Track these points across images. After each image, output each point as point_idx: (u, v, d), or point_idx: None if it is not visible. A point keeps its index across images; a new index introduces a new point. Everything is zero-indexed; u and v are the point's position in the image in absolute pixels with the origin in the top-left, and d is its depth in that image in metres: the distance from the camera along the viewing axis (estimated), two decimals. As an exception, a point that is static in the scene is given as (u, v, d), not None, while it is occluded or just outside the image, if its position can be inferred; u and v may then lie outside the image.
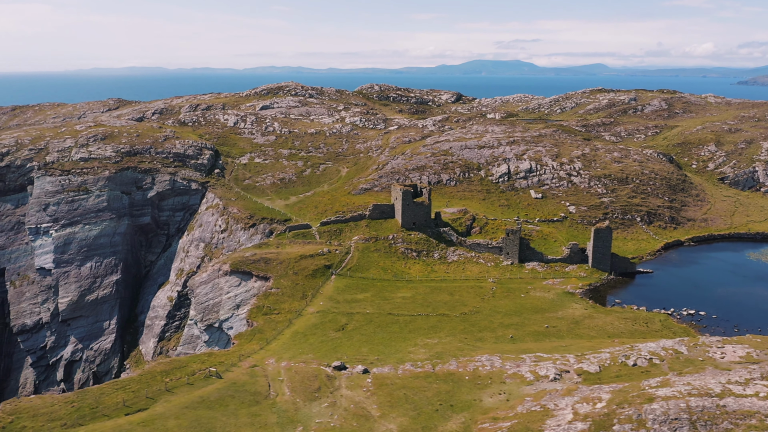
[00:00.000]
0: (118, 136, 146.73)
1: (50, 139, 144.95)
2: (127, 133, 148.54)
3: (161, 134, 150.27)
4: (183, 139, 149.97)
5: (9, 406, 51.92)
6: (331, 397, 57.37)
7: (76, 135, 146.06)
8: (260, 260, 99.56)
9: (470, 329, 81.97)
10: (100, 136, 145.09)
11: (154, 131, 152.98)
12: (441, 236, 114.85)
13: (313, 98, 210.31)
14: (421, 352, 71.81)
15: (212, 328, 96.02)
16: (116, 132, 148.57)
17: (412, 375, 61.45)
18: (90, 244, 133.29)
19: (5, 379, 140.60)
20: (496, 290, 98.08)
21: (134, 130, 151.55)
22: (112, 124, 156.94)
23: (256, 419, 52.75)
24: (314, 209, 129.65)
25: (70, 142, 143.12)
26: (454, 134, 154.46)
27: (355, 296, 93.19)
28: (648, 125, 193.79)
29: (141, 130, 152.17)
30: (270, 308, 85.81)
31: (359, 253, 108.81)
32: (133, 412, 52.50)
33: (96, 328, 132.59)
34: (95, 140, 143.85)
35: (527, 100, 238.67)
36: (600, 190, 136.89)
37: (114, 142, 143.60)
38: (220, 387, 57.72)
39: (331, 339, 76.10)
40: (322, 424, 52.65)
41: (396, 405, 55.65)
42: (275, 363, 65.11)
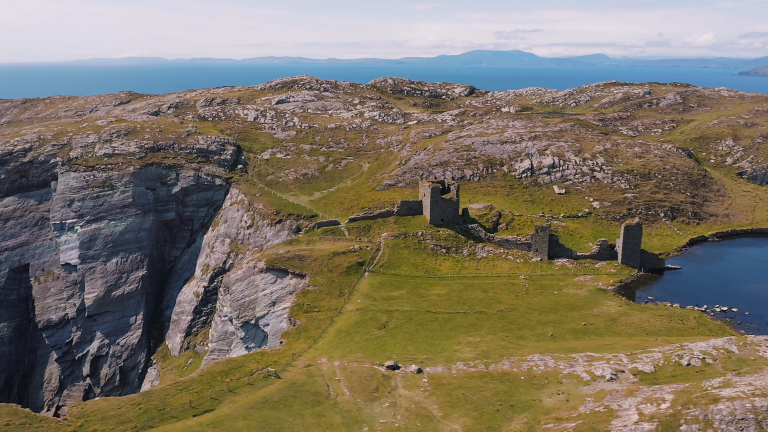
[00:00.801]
0: (140, 131, 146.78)
1: (73, 135, 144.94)
2: (149, 128, 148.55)
3: (184, 129, 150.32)
4: (205, 134, 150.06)
5: (76, 409, 52.48)
6: (390, 396, 58.03)
7: (98, 130, 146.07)
8: (294, 257, 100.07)
9: (509, 327, 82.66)
10: (123, 132, 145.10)
11: (176, 126, 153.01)
12: (469, 233, 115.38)
13: (328, 92, 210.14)
14: (467, 350, 72.51)
15: (248, 325, 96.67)
16: (139, 127, 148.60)
17: (467, 375, 62.11)
18: (115, 239, 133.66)
19: (30, 374, 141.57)
20: (529, 287, 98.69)
21: (156, 125, 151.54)
22: (134, 119, 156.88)
23: (321, 419, 53.42)
24: (339, 205, 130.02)
25: (93, 137, 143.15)
26: (475, 129, 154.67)
27: (390, 293, 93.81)
28: (664, 119, 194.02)
29: (163, 125, 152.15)
30: (310, 306, 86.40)
31: (389, 249, 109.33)
32: (200, 413, 53.15)
33: (122, 324, 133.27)
34: (118, 136, 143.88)
35: (540, 93, 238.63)
36: (623, 186, 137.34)
37: (137, 138, 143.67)
38: (280, 387, 58.36)
39: (376, 337, 76.75)
40: (387, 424, 53.33)
41: (456, 405, 56.34)
42: (328, 362, 65.75)
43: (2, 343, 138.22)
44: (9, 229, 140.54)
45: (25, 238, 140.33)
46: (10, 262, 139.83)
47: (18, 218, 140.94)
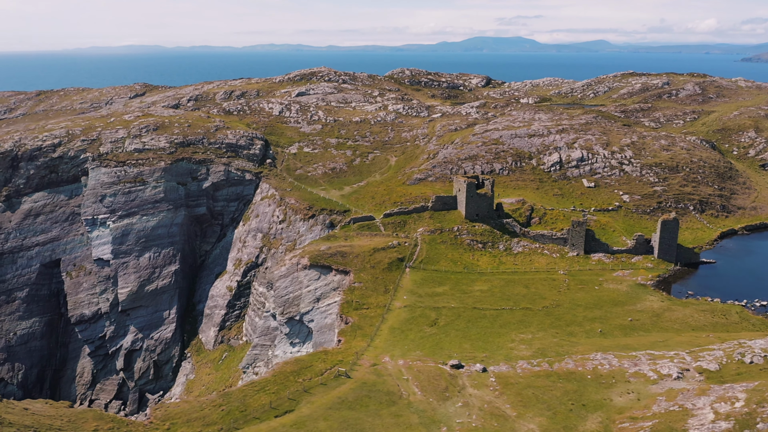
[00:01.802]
0: (169, 126, 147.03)
1: (102, 130, 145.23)
2: (178, 123, 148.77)
3: (212, 124, 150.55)
4: (234, 129, 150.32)
5: (159, 411, 53.38)
6: (461, 396, 59.01)
7: (127, 125, 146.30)
8: (336, 254, 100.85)
9: (557, 323, 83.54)
10: (152, 127, 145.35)
11: (204, 121, 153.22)
12: (504, 227, 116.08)
13: (347, 84, 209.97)
14: (522, 348, 73.46)
15: (293, 321, 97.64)
16: (167, 122, 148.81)
17: (533, 374, 63.08)
18: (148, 235, 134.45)
19: (61, 368, 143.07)
20: (569, 283, 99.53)
21: (184, 120, 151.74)
22: (160, 114, 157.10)
23: (399, 419, 54.42)
24: (371, 200, 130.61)
25: (123, 132, 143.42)
26: (502, 122, 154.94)
27: (434, 289, 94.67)
28: (685, 110, 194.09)
29: (191, 120, 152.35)
30: (359, 303, 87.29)
31: (427, 245, 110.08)
32: (281, 414, 54.13)
33: (156, 318, 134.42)
34: (147, 131, 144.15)
35: (557, 83, 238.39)
36: (652, 179, 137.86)
37: (166, 133, 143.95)
38: (353, 387, 59.32)
39: (429, 335, 77.68)
40: (463, 424, 54.33)
41: (529, 405, 57.33)
42: (392, 361, 66.70)
43: (34, 338, 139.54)
44: (39, 224, 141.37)
45: (55, 233, 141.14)
46: (41, 257, 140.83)
47: (48, 214, 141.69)
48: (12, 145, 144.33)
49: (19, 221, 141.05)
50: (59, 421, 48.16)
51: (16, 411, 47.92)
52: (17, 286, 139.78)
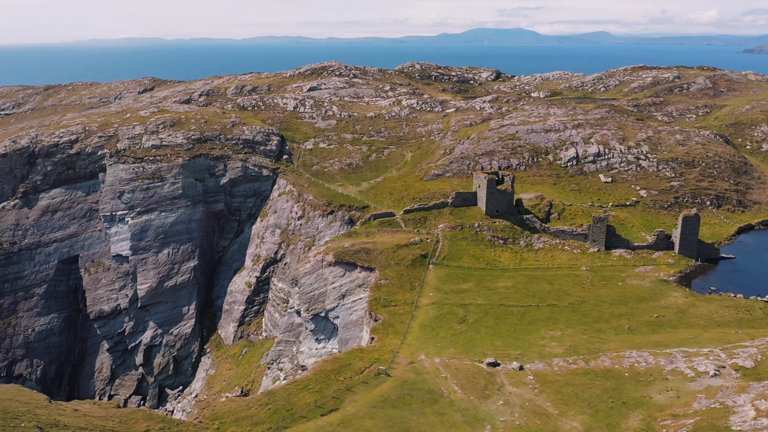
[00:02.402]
0: (186, 122, 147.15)
1: (118, 126, 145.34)
2: (194, 119, 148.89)
3: (228, 120, 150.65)
4: (250, 125, 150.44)
5: (207, 411, 53.92)
6: (501, 394, 59.60)
7: (143, 121, 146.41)
8: (361, 251, 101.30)
9: (584, 320, 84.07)
10: (169, 123, 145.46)
11: (220, 117, 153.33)
12: (524, 223, 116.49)
13: (358, 78, 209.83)
14: (553, 345, 74.03)
15: (318, 318, 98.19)
16: (183, 118, 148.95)
17: (570, 372, 63.65)
18: (166, 231, 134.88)
19: (80, 364, 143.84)
20: (592, 279, 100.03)
21: (200, 116, 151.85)
22: (176, 110, 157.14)
23: (443, 418, 55.02)
24: (389, 196, 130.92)
25: (140, 129, 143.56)
26: (517, 117, 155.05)
27: (459, 286, 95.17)
28: (697, 104, 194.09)
29: (207, 116, 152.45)
30: (387, 300, 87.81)
31: (448, 241, 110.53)
32: (326, 413, 54.72)
33: (175, 314, 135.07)
34: (164, 127, 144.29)
35: (567, 77, 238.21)
36: (669, 174, 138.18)
37: (183, 129, 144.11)
38: (394, 385, 59.91)
39: (460, 332, 78.23)
40: (507, 422, 54.93)
41: (569, 403, 57.92)
42: (428, 359, 67.27)
43: (52, 334, 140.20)
44: (57, 220, 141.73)
45: (73, 229, 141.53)
46: (59, 253, 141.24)
47: (66, 210, 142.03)
48: (28, 142, 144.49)
49: (36, 218, 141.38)
50: (111, 422, 48.71)
51: (68, 413, 48.48)
52: (35, 282, 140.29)
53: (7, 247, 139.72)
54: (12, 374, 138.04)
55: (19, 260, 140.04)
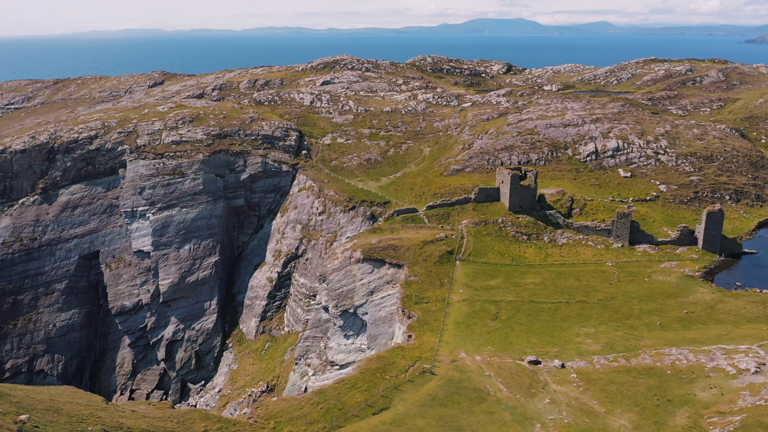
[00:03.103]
0: (205, 118, 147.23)
1: (137, 122, 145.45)
2: (213, 114, 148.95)
3: (246, 116, 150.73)
4: (268, 120, 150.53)
5: (261, 410, 54.54)
6: (545, 392, 60.24)
7: (162, 117, 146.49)
8: (388, 247, 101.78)
9: (616, 317, 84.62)
10: (188, 118, 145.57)
11: (238, 112, 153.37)
12: (547, 219, 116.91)
13: (370, 72, 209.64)
14: (589, 342, 74.66)
15: (346, 314, 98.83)
16: (202, 114, 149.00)
17: (612, 369, 64.30)
18: (187, 226, 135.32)
19: (101, 359, 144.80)
20: (619, 274, 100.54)
21: (219, 111, 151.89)
22: (193, 105, 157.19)
23: (492, 417, 55.68)
24: (410, 191, 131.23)
25: (159, 124, 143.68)
26: (535, 112, 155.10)
27: (487, 282, 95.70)
28: (711, 98, 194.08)
29: (225, 111, 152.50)
30: (418, 297, 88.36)
31: (473, 237, 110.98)
32: (377, 412, 55.38)
33: (197, 309, 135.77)
34: (183, 123, 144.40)
35: (579, 70, 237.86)
36: (688, 169, 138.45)
37: (203, 125, 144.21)
38: (440, 384, 60.55)
39: (495, 329, 78.82)
40: (555, 420, 55.60)
41: (615, 401, 58.58)
42: (468, 357, 67.89)
43: (73, 329, 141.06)
44: (77, 216, 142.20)
45: (94, 225, 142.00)
46: (80, 249, 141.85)
47: (86, 206, 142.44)
48: (48, 138, 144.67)
49: (56, 213, 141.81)
50: (170, 422, 49.32)
51: (127, 414, 49.09)
52: (56, 278, 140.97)
53: (27, 243, 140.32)
54: (33, 369, 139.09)
55: (39, 256, 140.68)
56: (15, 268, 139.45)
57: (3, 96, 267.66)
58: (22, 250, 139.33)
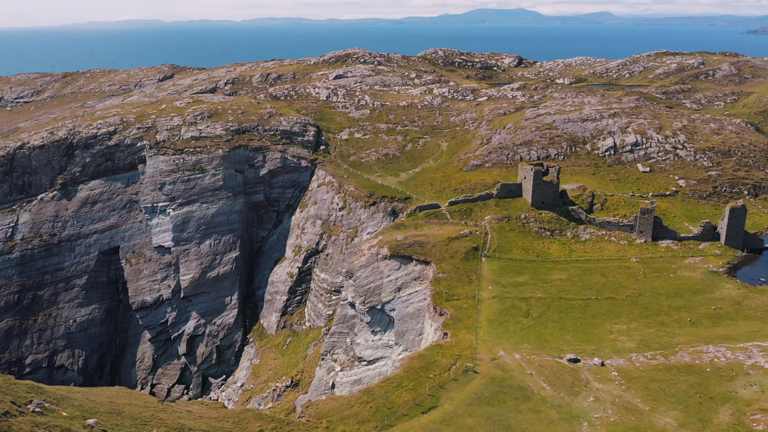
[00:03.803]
0: (223, 113, 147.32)
1: (156, 117, 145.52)
2: (231, 110, 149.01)
3: (264, 111, 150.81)
4: (286, 115, 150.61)
5: (311, 409, 55.16)
6: (588, 390, 60.91)
7: (181, 113, 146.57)
8: (414, 244, 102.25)
9: (645, 313, 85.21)
10: (206, 114, 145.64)
11: (256, 107, 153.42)
12: (570, 214, 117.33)
13: (383, 65, 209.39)
14: (623, 339, 75.28)
15: (374, 310, 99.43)
16: (220, 109, 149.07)
17: (651, 367, 64.96)
18: (208, 222, 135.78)
19: (121, 354, 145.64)
20: (644, 270, 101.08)
21: (236, 106, 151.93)
22: (210, 100, 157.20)
23: (539, 415, 56.36)
24: (430, 187, 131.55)
25: (178, 120, 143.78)
26: (553, 107, 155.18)
27: (515, 279, 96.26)
28: (724, 92, 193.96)
29: (243, 106, 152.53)
30: (449, 294, 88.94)
31: (496, 233, 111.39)
32: (426, 411, 56.05)
33: (218, 304, 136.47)
34: (202, 118, 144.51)
35: (590, 63, 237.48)
36: (706, 164, 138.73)
37: (221, 120, 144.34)
38: (484, 383, 61.19)
39: (528, 326, 79.42)
40: (601, 418, 56.29)
41: (659, 399, 59.24)
42: (507, 355, 68.51)
43: (93, 324, 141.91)
44: (97, 212, 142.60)
45: (113, 221, 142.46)
46: (100, 244, 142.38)
47: (105, 201, 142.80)
48: (66, 133, 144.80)
49: (76, 209, 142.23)
50: (226, 423, 49.97)
51: (184, 415, 49.70)
52: (76, 273, 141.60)
53: (46, 238, 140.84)
54: (53, 365, 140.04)
55: (59, 252, 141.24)
56: (34, 263, 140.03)
57: (12, 89, 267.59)
58: (41, 245, 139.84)
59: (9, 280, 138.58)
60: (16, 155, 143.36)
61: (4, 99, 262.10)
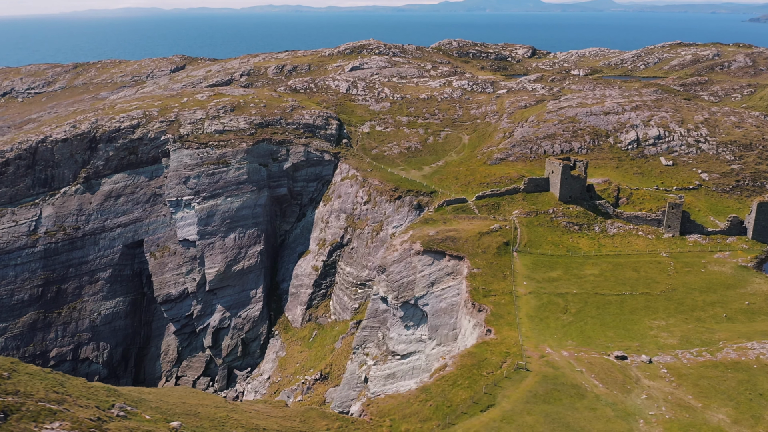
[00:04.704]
0: (245, 106, 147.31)
1: (179, 111, 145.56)
2: (253, 103, 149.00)
3: (287, 104, 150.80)
4: (308, 109, 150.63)
5: (372, 408, 55.98)
6: (640, 387, 61.78)
7: (203, 106, 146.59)
8: (447, 239, 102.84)
9: (681, 309, 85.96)
10: (229, 107, 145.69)
11: (277, 101, 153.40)
12: (597, 209, 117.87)
13: (398, 57, 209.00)
14: (665, 336, 76.08)
15: (407, 305, 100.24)
16: (242, 102, 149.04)
17: (699, 364, 65.82)
18: (233, 216, 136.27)
19: (145, 346, 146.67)
20: (675, 265, 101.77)
21: (258, 100, 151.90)
22: (232, 93, 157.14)
23: (596, 413, 57.24)
24: (455, 181, 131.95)
25: (201, 113, 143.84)
26: (574, 99, 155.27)
27: (548, 274, 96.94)
28: (741, 84, 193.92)
29: (265, 99, 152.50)
30: (486, 290, 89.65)
31: (525, 228, 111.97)
32: (485, 409, 56.89)
33: (243, 297, 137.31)
34: (225, 112, 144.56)
35: (604, 54, 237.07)
36: (728, 157, 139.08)
37: (244, 114, 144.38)
38: (537, 380, 62.03)
39: (569, 323, 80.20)
40: (657, 416, 57.17)
41: (710, 396, 60.14)
42: (554, 352, 69.32)
43: (118, 317, 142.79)
44: (121, 205, 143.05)
45: (137, 214, 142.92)
46: (124, 238, 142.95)
47: (129, 195, 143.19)
48: (89, 127, 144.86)
49: (99, 203, 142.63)
50: (294, 422, 50.78)
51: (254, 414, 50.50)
52: (100, 266, 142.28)
53: (70, 232, 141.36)
54: (78, 357, 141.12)
55: (83, 245, 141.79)
56: (58, 257, 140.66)
57: (23, 80, 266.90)
58: (65, 239, 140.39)
59: (33, 273, 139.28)
60: (38, 149, 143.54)
61: (15, 90, 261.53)
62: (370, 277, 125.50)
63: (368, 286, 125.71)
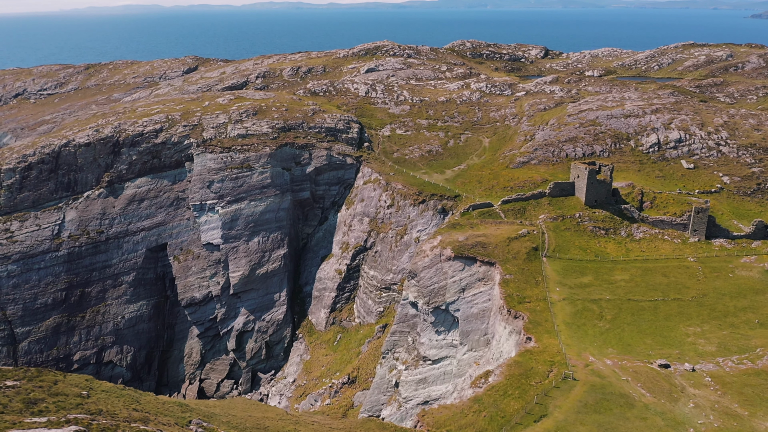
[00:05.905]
0: (267, 110, 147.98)
1: (201, 115, 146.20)
2: (275, 107, 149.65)
3: (308, 108, 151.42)
4: (330, 112, 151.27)
5: (427, 418, 56.85)
6: (686, 396, 62.65)
7: (225, 110, 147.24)
8: (477, 245, 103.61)
9: (714, 315, 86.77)
10: (252, 111, 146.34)
11: (298, 104, 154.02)
12: (622, 213, 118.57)
13: (412, 58, 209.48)
14: (702, 342, 76.93)
15: (438, 311, 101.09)
16: (264, 106, 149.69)
17: (741, 372, 66.69)
18: (256, 219, 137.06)
19: (168, 349, 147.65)
20: (703, 270, 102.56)
21: (280, 103, 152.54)
22: (252, 97, 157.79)
23: (647, 422, 58.10)
24: (478, 184, 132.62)
25: (223, 118, 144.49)
26: (594, 102, 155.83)
27: (579, 280, 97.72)
28: (756, 85, 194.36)
29: (286, 103, 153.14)
30: (520, 297, 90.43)
31: (552, 232, 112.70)
32: (538, 419, 57.76)
33: (267, 300, 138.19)
34: (248, 116, 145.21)
35: (617, 54, 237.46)
36: (749, 160, 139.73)
37: (267, 118, 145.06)
38: (586, 390, 62.89)
39: (606, 330, 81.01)
40: (705, 425, 58.05)
41: (755, 404, 61.02)
42: (598, 360, 70.15)
43: (142, 321, 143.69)
44: (144, 209, 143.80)
45: (160, 218, 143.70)
46: (147, 241, 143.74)
47: (152, 199, 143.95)
48: (112, 131, 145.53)
49: (123, 207, 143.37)
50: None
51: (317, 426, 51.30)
52: (124, 270, 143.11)
53: (94, 236, 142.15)
54: (101, 361, 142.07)
55: (106, 249, 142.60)
56: (82, 260, 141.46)
57: (35, 81, 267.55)
58: (89, 243, 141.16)
59: (56, 277, 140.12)
60: (61, 153, 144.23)
61: (27, 91, 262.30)
62: (395, 280, 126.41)
63: (393, 290, 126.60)
